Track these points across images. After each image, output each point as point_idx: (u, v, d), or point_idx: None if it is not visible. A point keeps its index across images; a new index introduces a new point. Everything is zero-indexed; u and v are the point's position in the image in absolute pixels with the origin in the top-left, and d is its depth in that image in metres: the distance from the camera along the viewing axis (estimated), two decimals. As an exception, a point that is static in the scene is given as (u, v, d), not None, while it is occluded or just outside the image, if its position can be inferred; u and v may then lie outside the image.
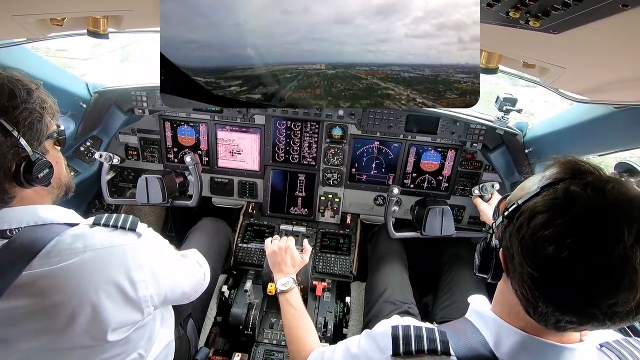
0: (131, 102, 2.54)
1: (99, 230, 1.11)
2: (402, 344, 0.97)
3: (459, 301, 2.22)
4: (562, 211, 0.76)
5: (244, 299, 2.30)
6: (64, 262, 1.01)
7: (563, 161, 0.85)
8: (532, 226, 0.79)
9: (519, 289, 0.84)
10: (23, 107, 1.03)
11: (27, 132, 1.04)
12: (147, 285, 1.13)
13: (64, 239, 1.04)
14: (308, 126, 2.66)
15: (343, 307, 2.44)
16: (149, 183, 2.35)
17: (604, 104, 1.55)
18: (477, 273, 0.99)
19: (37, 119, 1.07)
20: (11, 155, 1.01)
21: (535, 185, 0.85)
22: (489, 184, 2.24)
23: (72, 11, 1.25)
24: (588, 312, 0.76)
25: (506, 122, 2.25)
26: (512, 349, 0.91)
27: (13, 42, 1.68)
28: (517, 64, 1.37)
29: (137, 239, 1.15)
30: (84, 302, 1.01)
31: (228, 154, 2.79)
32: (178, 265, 1.38)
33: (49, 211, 1.11)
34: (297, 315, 1.62)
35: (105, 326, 1.05)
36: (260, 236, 2.80)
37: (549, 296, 0.79)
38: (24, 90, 1.05)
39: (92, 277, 1.03)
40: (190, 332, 1.90)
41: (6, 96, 1.01)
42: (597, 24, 0.76)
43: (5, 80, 1.02)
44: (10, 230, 1.03)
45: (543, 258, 0.76)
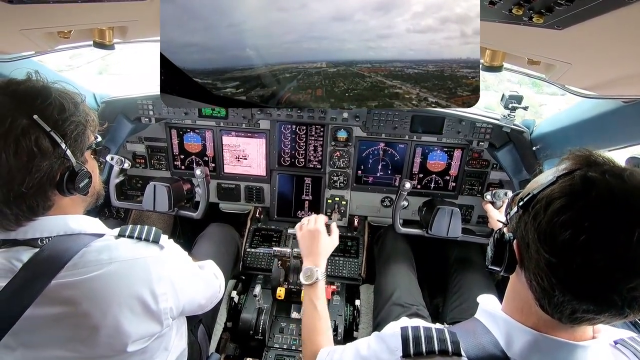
0: (138, 110, 2.57)
1: (124, 241, 1.14)
2: (412, 344, 0.96)
3: (468, 301, 2.19)
4: (580, 195, 0.75)
5: (253, 304, 2.30)
6: (90, 273, 1.04)
7: (578, 153, 0.84)
8: (549, 212, 0.78)
9: (534, 279, 0.83)
10: (71, 121, 1.08)
11: (72, 143, 1.09)
12: (168, 298, 1.16)
13: (90, 250, 1.07)
14: (313, 129, 2.67)
15: (353, 310, 2.42)
16: (156, 191, 2.37)
17: (612, 98, 1.53)
18: (490, 266, 0.97)
19: (82, 131, 1.12)
20: (57, 165, 1.06)
21: (550, 177, 0.84)
22: (502, 191, 2.21)
23: (78, 23, 1.27)
24: (607, 298, 0.75)
25: (512, 120, 2.23)
26: (523, 348, 0.89)
27: (22, 56, 1.71)
28: (521, 61, 1.36)
29: (160, 252, 1.18)
30: (108, 314, 1.04)
31: (234, 159, 2.80)
32: (196, 277, 1.40)
33: (78, 221, 1.14)
34: (317, 317, 1.58)
35: (126, 338, 1.08)
36: (268, 241, 2.80)
37: (567, 283, 0.77)
38: (72, 104, 1.10)
39: (116, 290, 1.06)
40: (201, 338, 1.90)
41: (57, 109, 1.05)
42: (602, 18, 0.75)
43: (56, 94, 1.07)
44: (41, 240, 1.07)
45: (560, 243, 0.75)
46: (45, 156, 1.01)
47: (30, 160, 0.99)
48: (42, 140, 1.00)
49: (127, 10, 1.21)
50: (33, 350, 1.04)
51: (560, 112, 2.12)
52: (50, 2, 0.95)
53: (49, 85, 1.09)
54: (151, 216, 3.09)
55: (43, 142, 1.01)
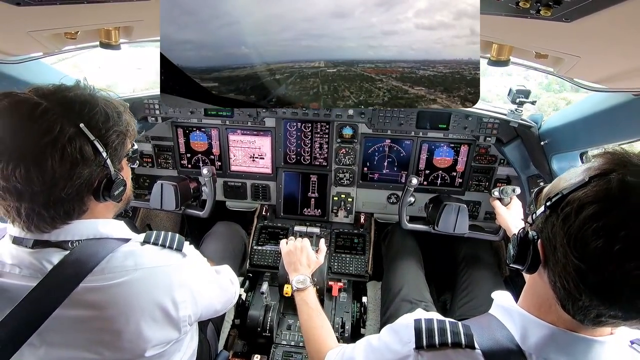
0: (144, 110, 2.59)
1: (149, 248, 1.16)
2: (426, 336, 0.96)
3: (477, 298, 2.18)
4: (616, 202, 0.73)
5: (260, 301, 2.31)
6: (116, 279, 1.06)
7: (612, 152, 0.81)
8: (581, 217, 0.75)
9: (559, 281, 0.81)
10: (113, 130, 1.10)
11: (112, 152, 1.11)
12: (187, 306, 1.18)
13: (117, 256, 1.10)
14: (318, 127, 2.66)
15: (360, 307, 2.42)
16: (163, 189, 2.38)
17: (622, 91, 1.50)
18: (512, 264, 0.95)
19: (122, 140, 1.15)
20: (97, 173, 1.08)
21: (581, 176, 0.81)
22: (510, 187, 2.18)
23: (84, 24, 1.28)
24: (637, 307, 0.74)
25: (520, 115, 2.20)
26: (539, 341, 0.89)
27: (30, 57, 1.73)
28: (529, 55, 1.34)
29: (182, 259, 1.20)
30: (130, 320, 1.07)
31: (248, 158, 2.81)
32: (214, 284, 1.42)
33: (108, 226, 1.16)
34: (314, 315, 1.62)
35: (146, 344, 1.10)
36: (274, 238, 2.81)
37: (596, 289, 0.76)
38: (116, 113, 1.12)
39: (139, 298, 1.08)
40: (210, 336, 1.92)
41: (102, 118, 1.07)
42: (610, 10, 0.74)
43: (102, 104, 1.09)
44: (71, 242, 1.09)
45: (592, 250, 0.73)
46: (87, 164, 1.03)
47: (73, 168, 1.01)
48: (86, 148, 1.02)
49: (132, 10, 1.22)
50: (56, 349, 1.06)
51: (569, 107, 2.09)
52: (57, 3, 0.96)
53: (95, 93, 1.11)
54: (159, 215, 3.11)
55: (87, 151, 1.02)
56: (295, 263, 1.89)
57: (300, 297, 1.71)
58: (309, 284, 1.75)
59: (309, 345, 1.54)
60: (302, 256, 1.92)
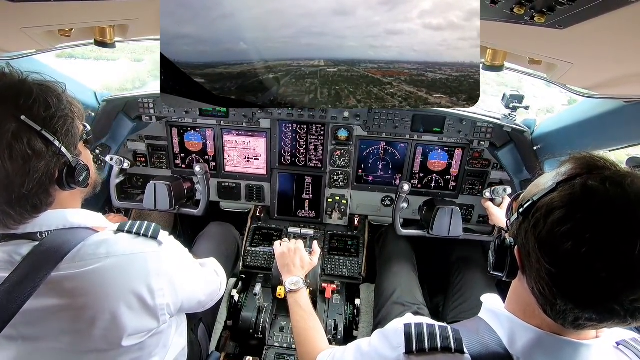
0: (139, 109, 2.57)
1: (123, 236, 1.14)
2: (415, 341, 0.96)
3: (469, 301, 2.20)
4: (580, 206, 0.74)
5: (253, 303, 2.30)
6: (88, 266, 1.04)
7: (578, 157, 0.83)
8: (549, 222, 0.77)
9: (536, 287, 0.83)
10: (58, 116, 1.06)
11: (64, 139, 1.07)
12: (165, 294, 1.15)
13: (88, 244, 1.07)
14: (314, 128, 2.66)
15: (353, 309, 2.42)
16: (157, 189, 2.37)
17: (613, 98, 1.53)
18: (492, 272, 0.97)
19: (71, 124, 1.10)
20: (54, 163, 1.05)
21: (550, 182, 0.83)
22: (501, 187, 2.20)
23: (79, 22, 1.27)
24: (609, 308, 0.74)
25: (514, 120, 2.23)
26: (526, 345, 0.89)
27: (23, 54, 1.71)
28: (523, 61, 1.35)
29: (158, 247, 1.18)
30: (104, 307, 1.05)
31: (242, 159, 2.80)
32: (196, 274, 1.39)
33: (78, 215, 1.14)
34: (306, 317, 1.62)
35: (121, 332, 1.08)
36: (268, 239, 2.80)
37: (568, 293, 0.77)
38: (55, 97, 1.07)
39: (113, 284, 1.06)
40: (202, 337, 1.91)
41: (42, 106, 1.02)
42: (604, 17, 0.75)
43: (37, 90, 1.03)
44: (40, 234, 1.07)
45: (561, 254, 0.75)
46: (41, 157, 1.01)
47: (27, 163, 0.98)
48: (35, 141, 0.99)
49: (128, 8, 1.21)
50: (32, 342, 1.05)
51: (562, 112, 2.12)
52: (52, 0, 0.95)
53: (26, 79, 1.05)
54: (152, 215, 3.09)
55: (36, 143, 0.99)
56: (288, 265, 1.89)
57: (293, 299, 1.70)
58: (302, 285, 1.75)
59: (300, 347, 1.53)
60: (296, 258, 1.92)
